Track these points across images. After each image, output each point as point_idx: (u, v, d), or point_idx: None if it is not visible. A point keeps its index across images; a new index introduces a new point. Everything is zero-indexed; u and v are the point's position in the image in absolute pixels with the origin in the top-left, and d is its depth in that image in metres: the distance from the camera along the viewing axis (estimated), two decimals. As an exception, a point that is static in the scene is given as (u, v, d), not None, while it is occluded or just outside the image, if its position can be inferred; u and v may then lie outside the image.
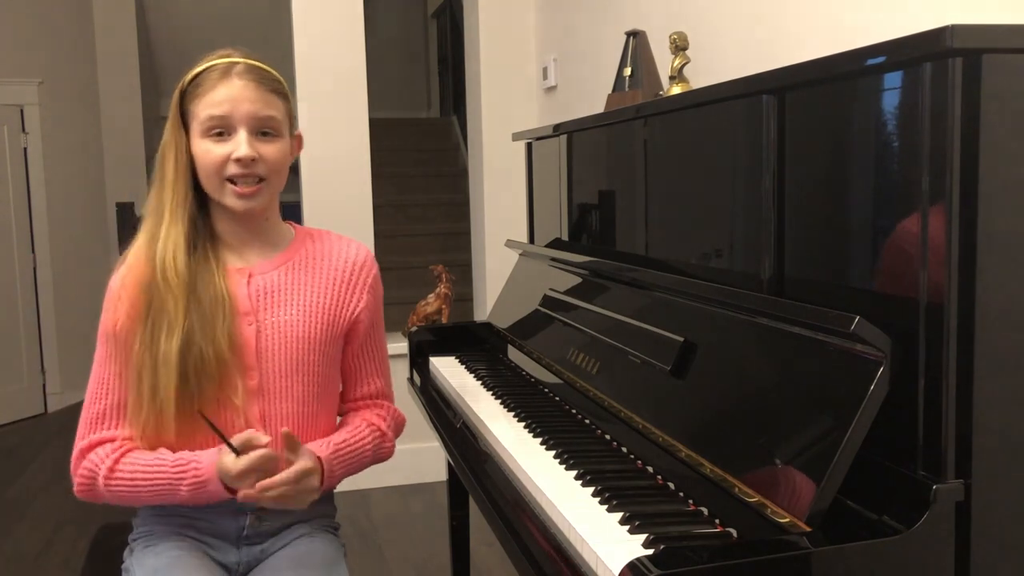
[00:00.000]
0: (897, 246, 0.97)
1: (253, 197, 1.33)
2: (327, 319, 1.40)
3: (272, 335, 1.37)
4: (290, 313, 1.38)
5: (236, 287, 1.36)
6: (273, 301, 1.38)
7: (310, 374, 1.39)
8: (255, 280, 1.39)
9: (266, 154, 1.32)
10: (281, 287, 1.39)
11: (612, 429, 1.42)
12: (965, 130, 0.89)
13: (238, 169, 1.30)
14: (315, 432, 1.42)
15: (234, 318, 1.34)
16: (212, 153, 1.31)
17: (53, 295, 5.08)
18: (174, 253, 1.31)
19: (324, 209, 3.44)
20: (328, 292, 1.42)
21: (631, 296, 1.54)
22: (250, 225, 1.40)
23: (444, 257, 4.74)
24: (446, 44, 7.29)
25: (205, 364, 1.30)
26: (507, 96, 3.58)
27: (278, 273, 1.40)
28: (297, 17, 3.39)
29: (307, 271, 1.42)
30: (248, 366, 1.35)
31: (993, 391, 0.92)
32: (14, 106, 4.94)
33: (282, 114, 1.35)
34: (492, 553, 2.84)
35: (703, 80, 1.98)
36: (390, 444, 1.49)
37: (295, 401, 1.38)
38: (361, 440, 1.42)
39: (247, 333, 1.35)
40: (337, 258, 1.44)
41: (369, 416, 1.48)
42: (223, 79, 1.31)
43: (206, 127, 1.31)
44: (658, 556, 0.87)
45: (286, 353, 1.37)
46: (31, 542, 3.16)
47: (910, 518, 0.89)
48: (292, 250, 1.43)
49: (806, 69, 1.11)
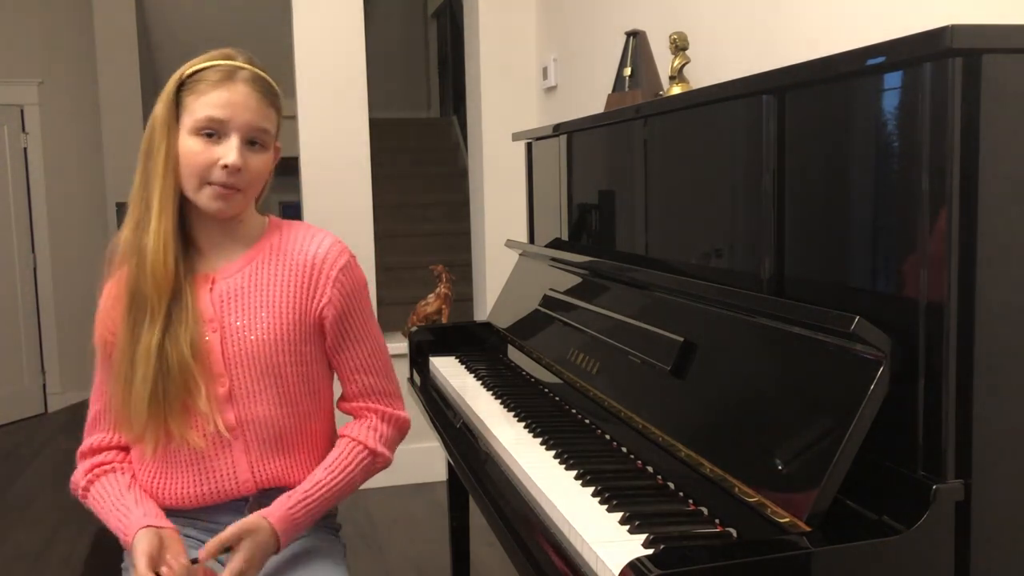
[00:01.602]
0: (897, 246, 0.97)
1: (229, 199, 1.31)
2: (292, 318, 1.37)
3: (237, 340, 1.35)
4: (254, 317, 1.36)
5: (200, 294, 1.36)
6: (237, 306, 1.37)
7: (283, 376, 1.37)
8: (218, 286, 1.37)
9: (252, 165, 1.32)
10: (244, 290, 1.37)
11: (612, 429, 1.42)
12: (965, 130, 0.89)
13: (222, 176, 1.29)
14: (304, 436, 1.41)
15: (198, 326, 1.33)
16: (200, 154, 1.29)
17: (53, 295, 5.08)
18: (163, 245, 1.30)
19: (324, 209, 3.44)
20: (291, 290, 1.38)
21: (631, 296, 1.54)
22: (220, 224, 1.38)
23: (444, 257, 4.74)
24: (446, 44, 7.29)
25: (171, 369, 1.30)
26: (507, 96, 3.58)
27: (241, 276, 1.38)
28: (297, 17, 3.39)
29: (270, 269, 1.39)
30: (217, 373, 1.34)
31: (993, 391, 0.92)
32: (14, 106, 4.94)
33: (274, 127, 1.35)
34: (492, 553, 2.84)
35: (703, 80, 1.98)
36: (383, 458, 1.46)
37: (270, 404, 1.36)
38: (343, 472, 1.40)
39: (212, 340, 1.34)
40: (299, 252, 1.40)
41: (358, 432, 1.44)
42: (227, 81, 1.30)
43: (199, 125, 1.29)
44: (658, 556, 0.87)
45: (253, 357, 1.35)
46: (31, 542, 3.16)
47: (910, 518, 0.89)
48: (256, 249, 1.40)
49: (806, 69, 1.11)
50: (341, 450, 1.42)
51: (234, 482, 1.36)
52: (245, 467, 1.36)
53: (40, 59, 5.03)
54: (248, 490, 1.37)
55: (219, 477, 1.36)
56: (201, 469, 1.36)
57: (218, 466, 1.35)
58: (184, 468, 1.36)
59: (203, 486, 1.36)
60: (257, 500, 1.38)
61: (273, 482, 1.38)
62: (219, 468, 1.36)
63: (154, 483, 1.38)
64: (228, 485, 1.36)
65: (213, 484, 1.36)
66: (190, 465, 1.36)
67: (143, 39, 5.46)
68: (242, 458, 1.36)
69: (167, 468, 1.37)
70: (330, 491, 1.38)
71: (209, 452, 1.35)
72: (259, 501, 1.38)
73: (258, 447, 1.36)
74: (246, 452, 1.36)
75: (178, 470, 1.36)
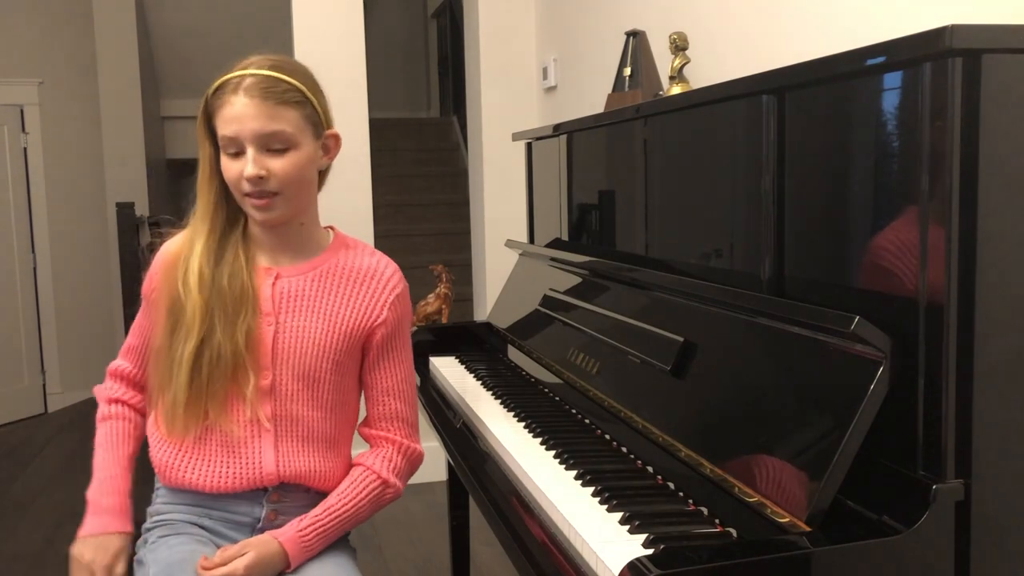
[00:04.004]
0: (897, 246, 0.97)
1: (267, 210, 1.35)
2: (345, 330, 1.42)
3: (289, 338, 1.39)
4: (310, 319, 1.40)
5: (261, 286, 1.40)
6: (295, 305, 1.41)
7: (322, 381, 1.41)
8: (280, 282, 1.41)
9: (276, 169, 1.33)
10: (305, 293, 1.42)
11: (612, 429, 1.42)
12: (965, 130, 0.89)
13: (249, 187, 1.33)
14: (328, 447, 1.43)
15: (255, 317, 1.37)
16: (230, 171, 1.34)
17: (53, 295, 5.08)
18: (199, 261, 1.36)
19: (324, 209, 3.38)
20: (350, 303, 1.43)
21: (631, 296, 1.54)
22: (278, 232, 1.42)
23: (444, 257, 4.74)
24: (446, 44, 7.28)
25: (221, 359, 1.34)
26: (507, 96, 3.58)
27: (304, 279, 1.43)
28: (297, 17, 3.39)
29: (334, 280, 1.44)
30: (263, 365, 1.38)
31: (993, 391, 0.92)
32: (14, 106, 4.94)
33: (294, 124, 1.34)
34: (492, 553, 2.84)
35: (703, 80, 1.98)
36: (393, 489, 1.47)
37: (306, 405, 1.40)
38: (354, 500, 1.42)
39: (265, 333, 1.38)
40: (365, 272, 1.46)
41: (373, 461, 1.46)
42: (232, 95, 1.31)
43: (224, 144, 1.34)
44: (658, 556, 0.87)
45: (300, 357, 1.39)
46: (31, 542, 3.16)
47: (910, 518, 0.89)
48: (323, 258, 1.45)
49: (806, 69, 1.11)
50: (354, 479, 1.44)
51: (259, 470, 1.38)
52: (271, 458, 1.38)
53: (40, 59, 5.03)
54: (271, 481, 1.39)
55: (245, 463, 1.38)
56: (229, 453, 1.38)
57: (246, 452, 1.38)
58: (213, 450, 1.38)
59: (228, 469, 1.38)
60: (277, 492, 1.40)
61: (295, 478, 1.40)
62: (247, 454, 1.38)
63: (178, 459, 1.40)
64: (252, 472, 1.38)
65: (238, 469, 1.38)
66: (219, 447, 1.38)
67: (143, 39, 5.46)
68: (270, 449, 1.38)
69: (195, 446, 1.39)
70: (339, 517, 1.40)
71: (241, 438, 1.38)
72: (279, 494, 1.40)
73: (287, 441, 1.39)
74: (275, 444, 1.39)
75: (206, 451, 1.39)
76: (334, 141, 1.45)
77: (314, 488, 1.42)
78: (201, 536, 1.39)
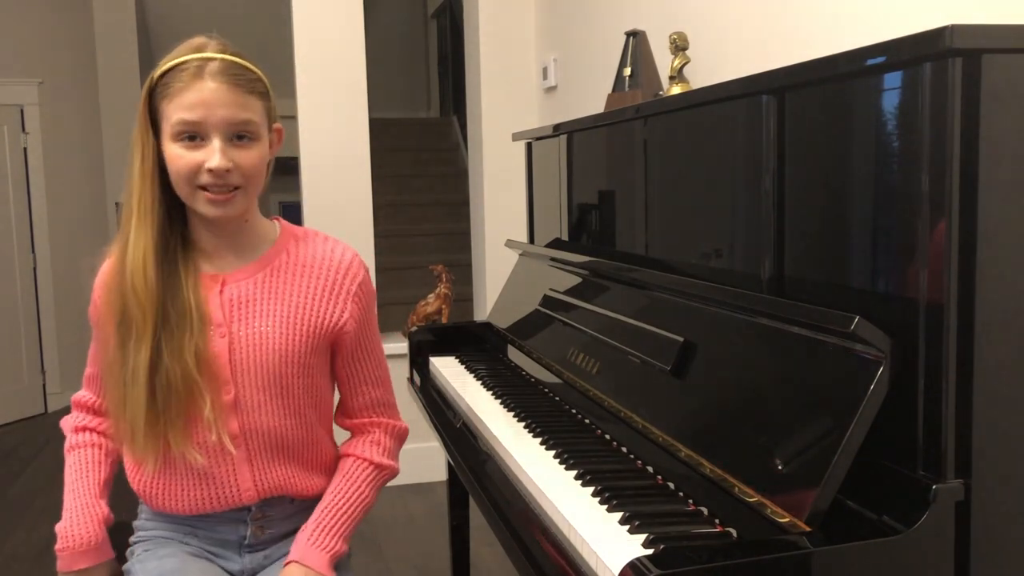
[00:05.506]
0: (897, 246, 0.97)
1: (227, 204, 1.25)
2: (307, 330, 1.33)
3: (246, 348, 1.30)
4: (266, 324, 1.31)
5: (208, 296, 1.30)
6: (247, 311, 1.31)
7: (289, 387, 1.33)
8: (228, 288, 1.32)
9: (241, 161, 1.23)
10: (257, 296, 1.32)
11: (612, 429, 1.42)
12: (965, 130, 0.89)
13: (211, 179, 1.22)
14: (307, 446, 1.38)
15: (205, 330, 1.28)
16: (183, 159, 1.22)
17: (53, 295, 5.08)
18: (143, 262, 1.25)
19: (324, 209, 3.44)
20: (308, 302, 1.34)
21: (631, 296, 1.54)
22: (226, 229, 1.32)
23: (444, 257, 4.74)
24: (446, 44, 7.28)
25: (171, 382, 1.25)
26: (507, 96, 3.58)
27: (254, 280, 1.33)
28: (297, 17, 3.39)
29: (286, 278, 1.34)
30: (223, 380, 1.29)
31: (993, 391, 0.92)
32: (14, 106, 4.94)
33: (260, 115, 1.25)
34: (492, 553, 2.84)
35: (703, 80, 1.98)
36: (388, 469, 1.44)
37: (275, 415, 1.32)
38: (355, 492, 1.38)
39: (219, 346, 1.29)
40: (319, 264, 1.36)
41: (361, 449, 1.42)
42: (195, 80, 1.21)
43: (177, 131, 1.22)
44: (658, 556, 0.87)
45: (262, 366, 1.30)
46: (31, 542, 3.16)
47: (910, 518, 0.89)
48: (272, 254, 1.35)
49: (806, 69, 1.11)
50: (347, 471, 1.40)
51: (236, 491, 1.33)
52: (248, 476, 1.33)
53: (40, 59, 5.03)
54: (250, 499, 1.34)
55: (221, 485, 1.32)
56: (202, 477, 1.32)
57: (220, 474, 1.32)
58: (185, 475, 1.33)
59: (204, 493, 1.33)
60: (260, 509, 1.36)
61: (276, 491, 1.35)
62: (221, 477, 1.32)
63: (154, 488, 1.35)
64: (230, 494, 1.33)
65: (214, 492, 1.33)
66: (191, 472, 1.32)
67: (143, 39, 5.46)
68: (245, 467, 1.33)
69: (167, 474, 1.33)
70: (345, 511, 1.36)
71: (211, 462, 1.31)
72: (261, 510, 1.36)
73: (261, 456, 1.33)
74: (249, 461, 1.33)
75: (178, 477, 1.33)
76: (278, 137, 1.33)
77: (299, 497, 1.38)
78: (190, 548, 1.37)
